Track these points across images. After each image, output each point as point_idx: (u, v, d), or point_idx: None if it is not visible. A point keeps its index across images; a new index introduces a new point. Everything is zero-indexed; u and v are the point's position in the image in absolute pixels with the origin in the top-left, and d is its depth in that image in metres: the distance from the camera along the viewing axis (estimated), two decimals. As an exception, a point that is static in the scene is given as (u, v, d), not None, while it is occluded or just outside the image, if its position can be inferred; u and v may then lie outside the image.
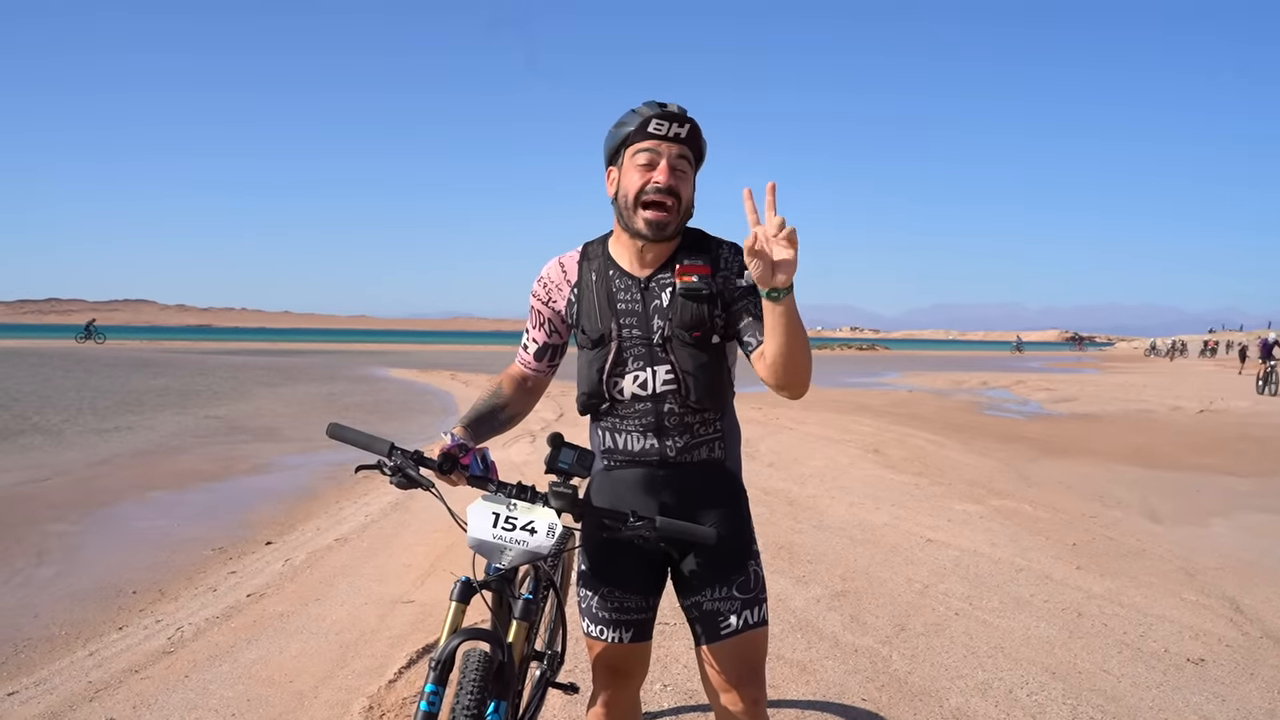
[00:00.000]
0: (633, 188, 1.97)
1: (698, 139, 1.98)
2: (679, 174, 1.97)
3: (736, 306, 2.01)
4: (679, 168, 1.96)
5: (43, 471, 8.83)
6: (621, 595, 2.13)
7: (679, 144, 1.96)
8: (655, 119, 1.93)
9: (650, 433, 2.05)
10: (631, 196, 1.97)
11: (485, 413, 2.13)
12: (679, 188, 1.96)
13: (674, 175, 1.95)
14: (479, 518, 1.94)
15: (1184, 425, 14.81)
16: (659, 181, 1.94)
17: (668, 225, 1.97)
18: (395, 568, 5.30)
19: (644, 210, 1.97)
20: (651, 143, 1.95)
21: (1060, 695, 3.53)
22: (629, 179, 1.98)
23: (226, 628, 4.29)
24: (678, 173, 1.96)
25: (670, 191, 1.95)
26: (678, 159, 1.96)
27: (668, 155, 1.95)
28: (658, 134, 1.95)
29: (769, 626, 2.14)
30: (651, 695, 3.45)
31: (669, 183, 1.94)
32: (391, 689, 3.51)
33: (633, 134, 1.97)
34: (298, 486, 8.40)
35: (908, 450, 10.85)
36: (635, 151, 1.97)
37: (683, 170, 1.97)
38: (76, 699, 3.49)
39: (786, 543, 5.90)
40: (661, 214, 1.96)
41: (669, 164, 1.95)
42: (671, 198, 1.95)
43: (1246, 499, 8.14)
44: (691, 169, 2.00)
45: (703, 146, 2.01)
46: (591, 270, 2.10)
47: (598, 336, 2.05)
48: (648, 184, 1.95)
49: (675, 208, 1.97)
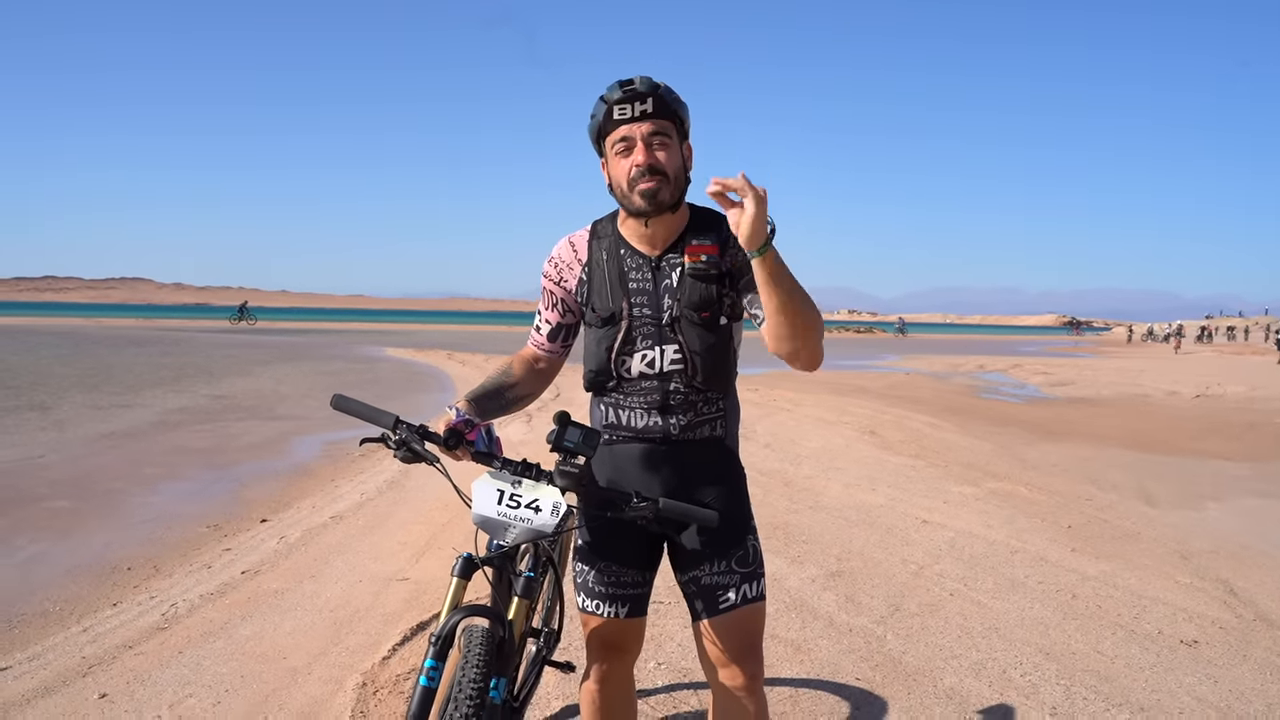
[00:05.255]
0: (622, 176, 1.98)
1: (667, 107, 1.95)
2: (658, 149, 1.96)
3: (743, 281, 2.01)
4: (654, 144, 1.95)
5: (38, 449, 8.81)
6: (619, 570, 2.13)
7: (649, 120, 1.94)
8: (617, 104, 1.93)
9: (655, 410, 2.05)
10: (624, 184, 1.98)
11: (492, 390, 2.11)
12: (661, 163, 1.95)
13: (652, 153, 1.95)
14: (484, 494, 1.93)
15: (1180, 410, 14.83)
16: (639, 163, 1.95)
17: (660, 192, 1.96)
18: (391, 545, 5.29)
19: (637, 191, 1.97)
20: (623, 129, 1.95)
21: (1054, 676, 3.54)
22: (616, 169, 1.99)
23: (221, 604, 4.28)
24: (656, 148, 1.95)
25: (653, 169, 1.94)
26: (651, 135, 1.95)
27: (641, 135, 1.95)
28: (624, 118, 1.94)
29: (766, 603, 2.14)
30: (645, 673, 3.46)
31: (648, 161, 1.94)
32: (385, 665, 3.51)
33: (604, 124, 1.98)
34: (294, 464, 8.39)
35: (904, 432, 10.85)
36: (613, 141, 1.98)
37: (661, 143, 1.96)
38: (70, 674, 3.49)
39: (782, 523, 5.91)
40: (650, 183, 1.95)
41: (644, 143, 1.95)
42: (656, 174, 1.95)
43: (1242, 483, 8.16)
44: (674, 137, 1.98)
45: (678, 110, 1.98)
46: (602, 249, 2.10)
47: (608, 315, 2.05)
48: (633, 169, 1.96)
49: (664, 178, 1.96)
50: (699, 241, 2.01)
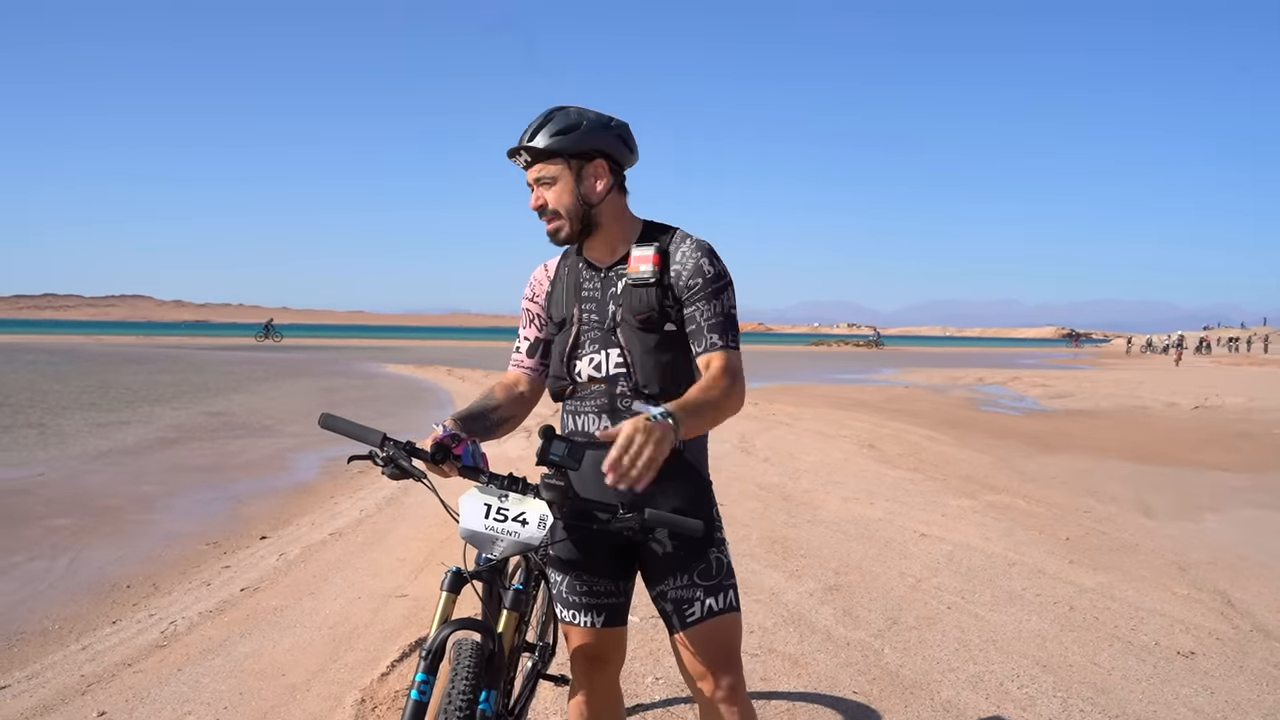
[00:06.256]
0: None
1: (542, 154, 2.07)
2: (544, 190, 2.10)
3: (686, 311, 2.11)
4: (540, 189, 2.11)
5: (37, 466, 8.82)
6: (591, 579, 2.18)
7: (532, 166, 2.10)
8: (509, 157, 2.13)
9: (605, 414, 2.14)
10: None
11: (478, 412, 2.19)
12: (547, 204, 2.10)
13: (539, 198, 2.11)
14: (471, 509, 1.96)
15: (1179, 421, 14.85)
16: (531, 206, 2.14)
17: (558, 233, 2.13)
18: (389, 562, 5.30)
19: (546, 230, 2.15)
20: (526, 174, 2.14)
21: (1051, 688, 3.55)
22: None
23: (220, 621, 4.29)
24: (542, 190, 2.10)
25: (540, 210, 2.12)
26: (539, 178, 2.10)
27: (530, 180, 2.13)
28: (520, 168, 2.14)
29: (741, 613, 2.16)
30: (643, 688, 3.46)
31: (534, 205, 2.13)
32: (384, 682, 3.51)
33: None
34: (293, 481, 8.40)
35: (903, 445, 10.86)
36: None
37: (547, 183, 2.10)
38: (69, 692, 3.50)
39: (780, 537, 5.91)
40: (549, 225, 2.13)
41: (534, 188, 2.12)
42: (544, 214, 2.12)
43: (1240, 494, 8.17)
44: (562, 169, 2.08)
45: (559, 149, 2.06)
46: (565, 265, 2.26)
47: (561, 320, 2.20)
48: None
49: (557, 216, 2.10)
50: (640, 252, 2.13)
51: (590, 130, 2.07)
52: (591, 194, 2.10)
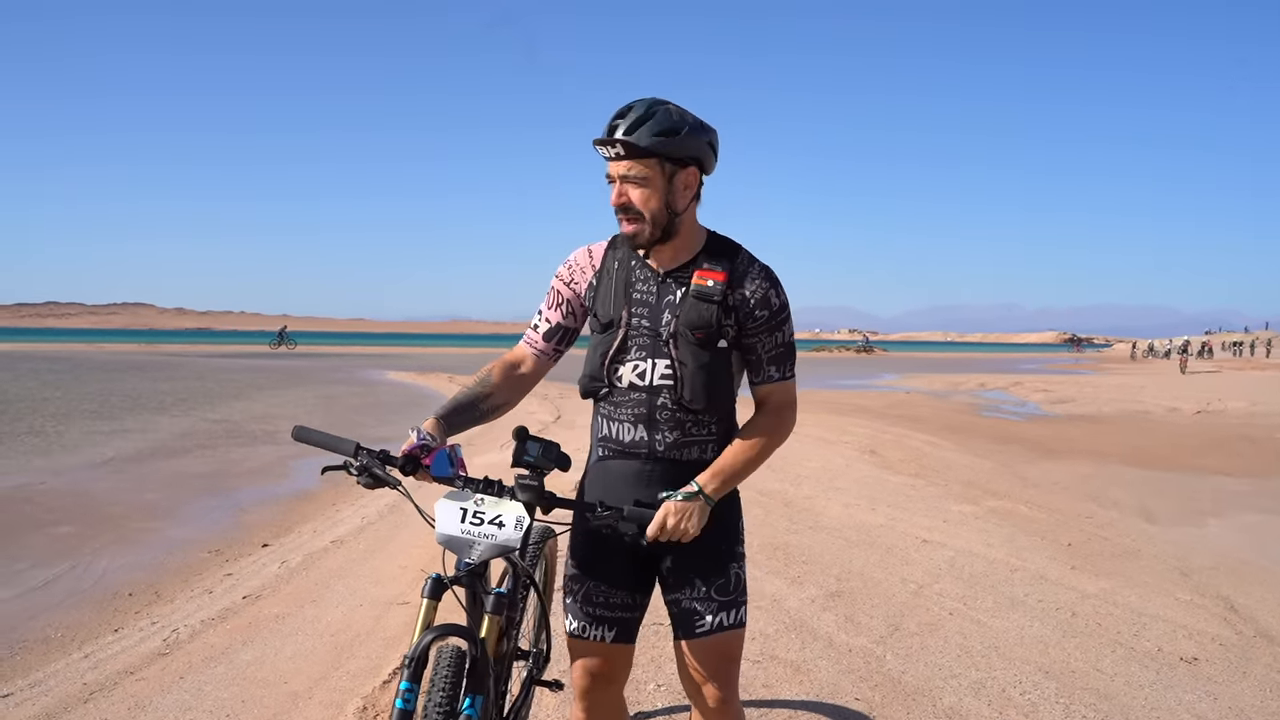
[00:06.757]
0: None
1: (639, 150, 1.97)
2: (631, 189, 2.01)
3: (747, 341, 2.09)
4: (626, 186, 2.01)
5: (39, 474, 8.82)
6: (608, 590, 2.16)
7: (621, 161, 2.00)
8: (596, 144, 2.02)
9: (641, 424, 2.08)
10: None
11: (465, 403, 2.14)
12: (632, 203, 2.01)
13: (622, 194, 2.02)
14: (446, 513, 1.96)
15: (1181, 426, 14.84)
16: (613, 203, 2.04)
17: (638, 236, 2.04)
18: (391, 570, 5.30)
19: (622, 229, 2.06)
20: (608, 164, 2.04)
21: (1054, 694, 3.54)
22: None
23: (222, 629, 4.29)
24: (630, 188, 2.01)
25: (623, 209, 2.02)
26: (626, 175, 2.00)
27: (615, 173, 2.02)
28: (604, 157, 2.03)
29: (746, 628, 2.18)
30: (645, 695, 3.46)
31: (616, 202, 2.03)
32: (385, 690, 3.51)
33: None
34: (295, 489, 8.40)
35: (904, 451, 10.86)
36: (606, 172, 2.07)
37: (637, 182, 2.00)
38: (72, 701, 3.50)
39: (782, 543, 5.91)
40: (629, 227, 2.04)
41: (617, 183, 2.02)
42: (631, 217, 2.03)
43: (1242, 499, 8.16)
44: (655, 172, 1.99)
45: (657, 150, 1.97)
46: (615, 259, 2.16)
47: (608, 321, 2.10)
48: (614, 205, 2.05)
49: (640, 219, 2.02)
50: (710, 267, 2.06)
51: (691, 135, 1.99)
52: (678, 202, 2.03)
